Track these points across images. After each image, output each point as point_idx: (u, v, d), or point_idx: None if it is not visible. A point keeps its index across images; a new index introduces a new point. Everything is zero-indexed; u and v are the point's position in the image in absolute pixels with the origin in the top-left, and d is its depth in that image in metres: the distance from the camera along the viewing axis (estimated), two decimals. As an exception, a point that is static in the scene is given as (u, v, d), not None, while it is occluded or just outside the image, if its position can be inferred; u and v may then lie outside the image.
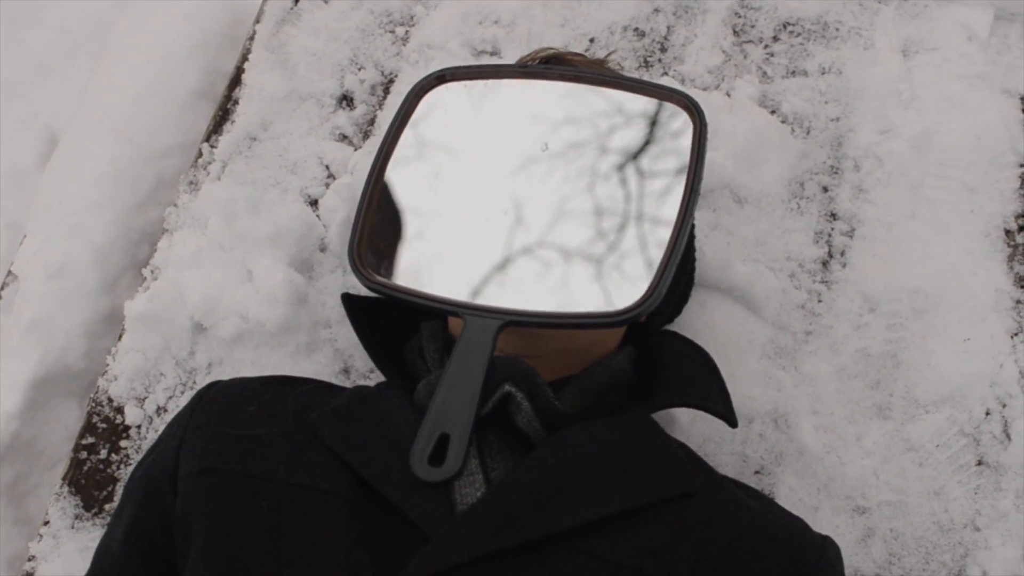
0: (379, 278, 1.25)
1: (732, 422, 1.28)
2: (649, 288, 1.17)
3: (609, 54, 1.79)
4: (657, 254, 1.20)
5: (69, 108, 2.19)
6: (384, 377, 1.42)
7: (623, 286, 1.21)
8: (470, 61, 1.85)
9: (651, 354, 1.38)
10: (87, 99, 2.10)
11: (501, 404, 1.13)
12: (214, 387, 1.31)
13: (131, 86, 2.09)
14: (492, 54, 1.87)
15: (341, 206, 1.72)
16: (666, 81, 1.79)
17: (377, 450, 1.12)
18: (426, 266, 1.28)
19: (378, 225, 1.30)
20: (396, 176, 1.32)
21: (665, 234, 1.21)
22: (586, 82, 1.33)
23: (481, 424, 1.11)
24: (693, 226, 1.53)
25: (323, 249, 1.72)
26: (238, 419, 1.23)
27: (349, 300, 1.41)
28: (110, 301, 1.91)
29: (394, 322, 1.42)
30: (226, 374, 1.67)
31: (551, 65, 1.43)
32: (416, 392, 1.20)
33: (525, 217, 1.27)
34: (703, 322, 1.64)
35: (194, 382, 1.67)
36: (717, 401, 1.30)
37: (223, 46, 2.18)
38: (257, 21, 1.96)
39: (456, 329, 1.32)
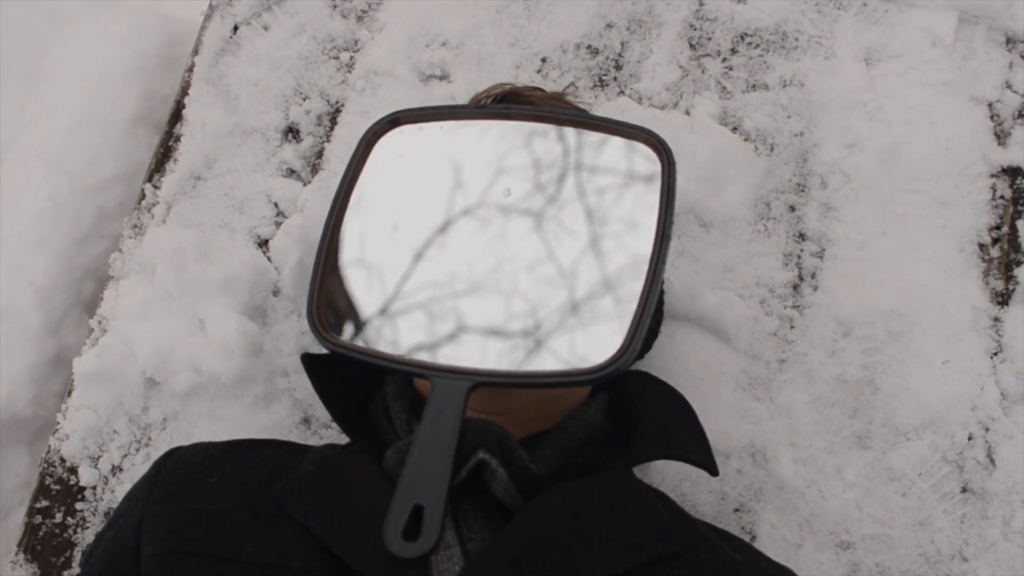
0: (341, 340, 1.20)
1: (713, 471, 1.24)
2: (623, 343, 1.12)
3: (567, 87, 1.75)
4: (629, 306, 1.15)
5: (1, 140, 2.12)
6: (348, 437, 1.37)
7: (596, 341, 1.15)
8: (418, 86, 1.80)
9: (624, 398, 1.34)
10: (21, 130, 2.03)
11: (475, 471, 1.08)
12: (173, 456, 1.26)
13: (67, 115, 2.01)
14: (442, 78, 1.81)
15: (293, 248, 1.66)
16: (622, 101, 1.75)
17: (348, 523, 1.10)
18: (389, 325, 1.23)
19: (336, 283, 1.25)
20: (352, 230, 1.26)
21: (636, 285, 1.16)
22: (546, 121, 1.28)
23: (455, 492, 1.07)
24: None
25: (276, 293, 1.67)
26: (200, 492, 1.18)
27: (309, 360, 1.36)
28: (56, 343, 1.85)
29: (355, 377, 1.37)
30: (181, 429, 1.62)
31: (509, 105, 1.38)
32: (385, 459, 1.15)
33: (489, 270, 1.22)
34: (673, 355, 1.60)
35: (149, 439, 1.61)
36: (696, 450, 1.26)
37: (160, 69, 2.10)
38: (195, 52, 1.89)
39: (422, 387, 1.27)
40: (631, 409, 1.32)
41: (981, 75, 1.76)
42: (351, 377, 1.36)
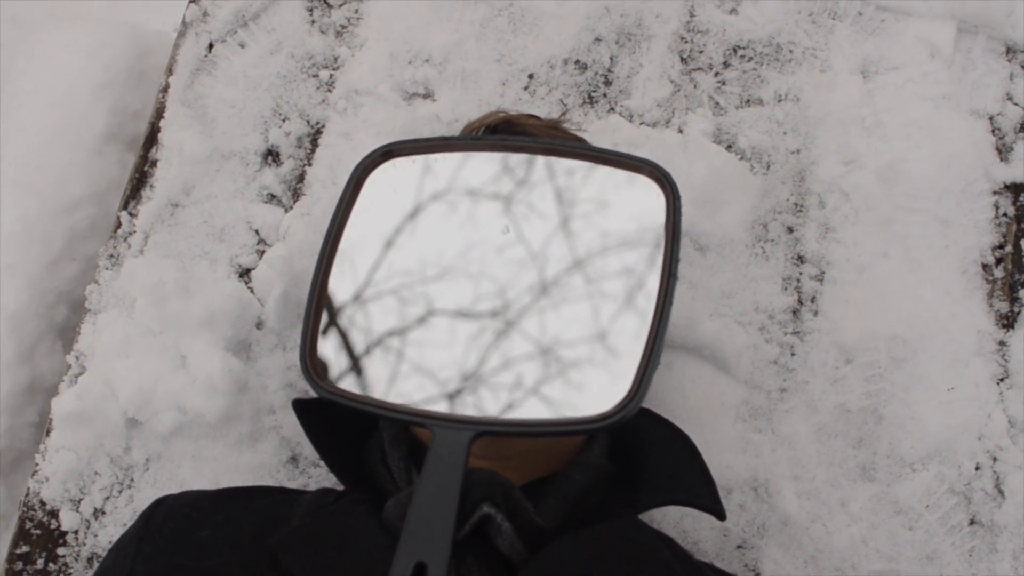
0: (338, 388, 1.15)
1: (720, 515, 1.22)
2: (631, 389, 1.08)
3: (562, 115, 1.71)
4: (636, 347, 1.11)
5: (-33, 159, 2.07)
6: (343, 485, 1.34)
7: (602, 387, 1.10)
8: (401, 105, 1.74)
9: (627, 439, 1.31)
10: (-13, 149, 1.98)
11: (479, 525, 1.05)
12: (161, 506, 1.22)
13: (35, 133, 1.94)
14: (425, 96, 1.77)
15: (276, 280, 1.61)
16: (613, 120, 1.70)
17: None
18: (385, 371, 1.19)
19: (330, 326, 1.21)
20: (345, 271, 1.22)
21: (643, 327, 1.12)
22: (543, 153, 1.24)
23: (458, 547, 1.04)
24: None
25: (260, 326, 1.62)
26: (191, 547, 1.14)
27: (301, 406, 1.33)
28: (29, 371, 1.80)
29: (349, 420, 1.34)
30: (165, 469, 1.57)
31: (505, 136, 1.33)
32: (385, 511, 1.12)
33: (490, 313, 1.18)
34: (672, 386, 1.57)
35: (131, 480, 1.57)
36: (703, 494, 1.23)
37: (130, 83, 2.05)
38: (170, 72, 1.84)
39: (421, 434, 1.24)
40: (635, 451, 1.29)
41: (981, 87, 1.72)
42: (344, 421, 1.33)
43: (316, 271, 1.20)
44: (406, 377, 1.15)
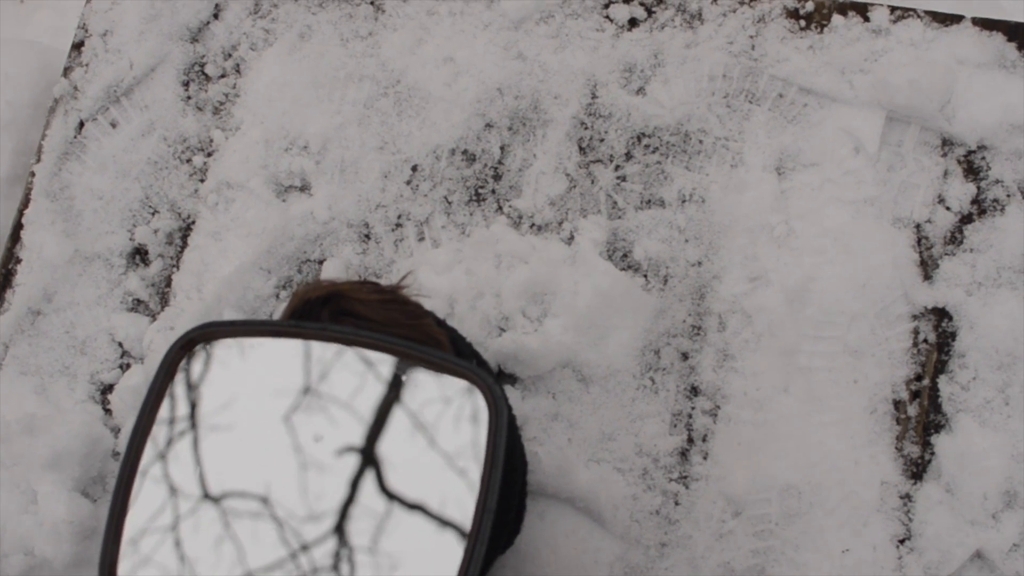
0: None
1: None
2: None
3: (404, 278, 1.56)
4: (451, 569, 1.00)
5: None
6: None
7: None
8: (274, 203, 1.60)
9: None
10: None
11: None
12: None
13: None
14: (302, 190, 1.62)
15: (134, 409, 1.54)
16: (496, 230, 1.54)
17: None
18: None
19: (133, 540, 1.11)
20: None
21: (458, 548, 1.01)
22: (364, 346, 1.11)
23: None
24: (524, 466, 1.34)
25: (116, 454, 1.54)
26: None
27: None
28: None
29: None
30: (18, 610, 1.52)
31: (325, 325, 1.21)
32: None
33: (301, 534, 1.07)
34: (543, 540, 1.45)
35: (-12, 618, 1.52)
36: None
37: (35, 119, 1.94)
38: (37, 159, 1.72)
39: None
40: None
41: (909, 188, 1.52)
42: None
43: (119, 478, 1.09)
44: None
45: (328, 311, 1.21)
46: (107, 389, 1.58)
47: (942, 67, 1.52)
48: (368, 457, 1.06)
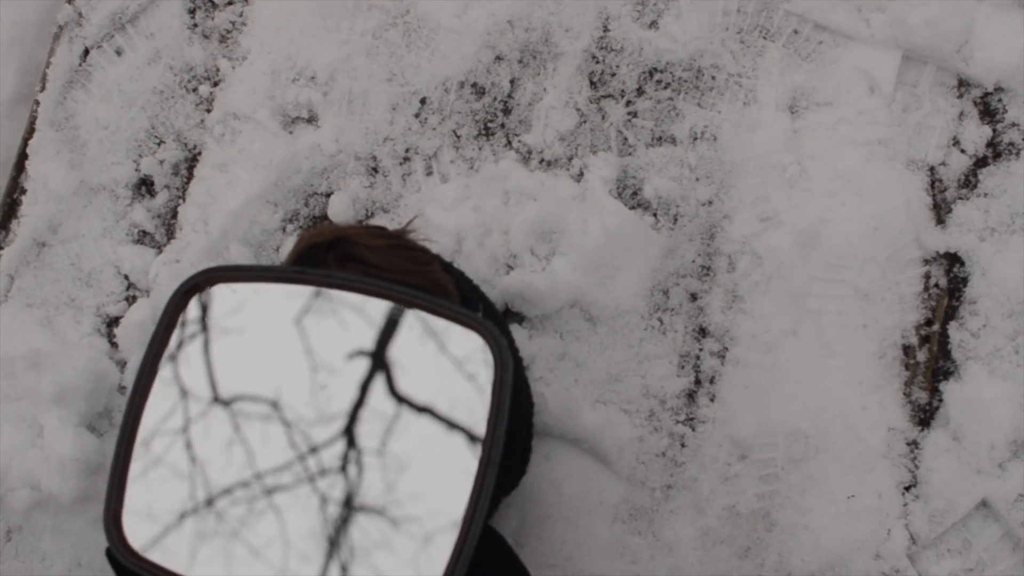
0: (147, 559, 1.07)
1: None
2: None
3: (410, 222, 1.54)
4: (448, 539, 1.00)
5: None
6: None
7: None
8: (281, 134, 1.58)
9: None
10: None
11: None
12: None
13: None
14: (309, 121, 1.61)
15: (139, 342, 1.52)
16: (505, 166, 1.53)
17: None
18: (194, 543, 1.10)
19: (141, 488, 1.10)
20: (159, 419, 1.11)
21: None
22: (367, 294, 1.10)
23: None
24: (527, 392, 1.33)
25: (122, 388, 1.54)
26: None
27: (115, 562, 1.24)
28: None
29: None
30: (27, 541, 1.50)
31: (330, 272, 1.19)
32: None
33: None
34: (549, 481, 1.44)
35: (-6, 549, 1.53)
36: None
37: (41, 38, 1.91)
38: (41, 87, 1.69)
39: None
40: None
41: (924, 130, 1.50)
42: None
43: (123, 424, 1.09)
44: (213, 555, 1.06)
45: (333, 256, 1.20)
46: (113, 322, 1.56)
47: (960, 7, 1.49)
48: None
